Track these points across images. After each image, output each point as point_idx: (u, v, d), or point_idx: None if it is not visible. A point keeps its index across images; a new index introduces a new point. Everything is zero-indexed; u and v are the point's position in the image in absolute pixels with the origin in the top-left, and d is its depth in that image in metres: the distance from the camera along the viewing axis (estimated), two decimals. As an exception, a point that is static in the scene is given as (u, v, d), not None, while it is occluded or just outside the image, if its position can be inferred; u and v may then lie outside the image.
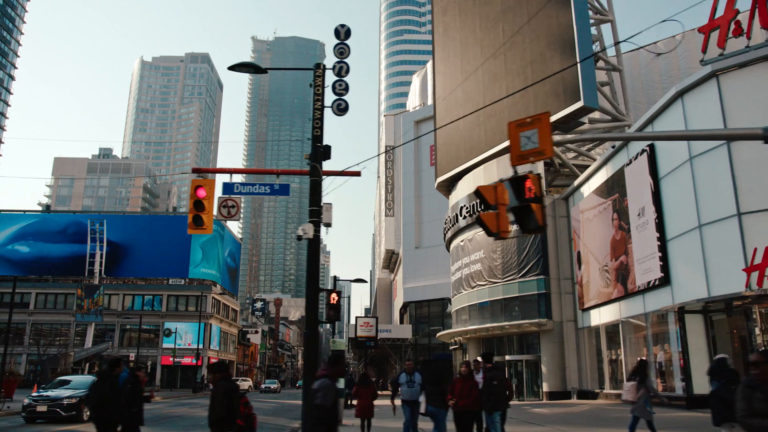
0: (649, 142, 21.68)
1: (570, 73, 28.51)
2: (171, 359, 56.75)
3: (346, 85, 14.85)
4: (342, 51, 14.97)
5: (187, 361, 59.70)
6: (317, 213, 13.71)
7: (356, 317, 31.73)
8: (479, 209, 33.15)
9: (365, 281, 27.66)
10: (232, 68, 15.19)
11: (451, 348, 38.61)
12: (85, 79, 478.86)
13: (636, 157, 22.73)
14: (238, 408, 9.20)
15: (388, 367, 60.64)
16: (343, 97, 14.80)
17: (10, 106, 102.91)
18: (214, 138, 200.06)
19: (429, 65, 67.07)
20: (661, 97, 43.18)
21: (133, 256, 65.91)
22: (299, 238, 13.39)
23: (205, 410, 26.58)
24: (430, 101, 65.34)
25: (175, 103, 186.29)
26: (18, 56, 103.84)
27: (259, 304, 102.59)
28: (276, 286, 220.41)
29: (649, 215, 21.63)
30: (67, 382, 20.23)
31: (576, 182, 29.22)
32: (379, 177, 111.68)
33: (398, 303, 71.99)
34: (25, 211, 70.30)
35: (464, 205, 34.67)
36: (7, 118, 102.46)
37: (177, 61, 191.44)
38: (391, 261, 73.11)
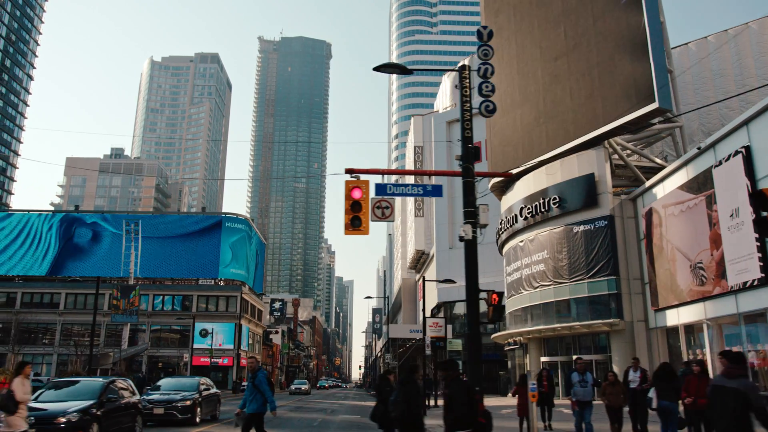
0: (744, 143, 21.81)
1: (642, 75, 28.63)
2: (209, 360, 56.75)
3: (493, 87, 15.00)
4: (486, 53, 15.17)
5: (224, 362, 59.78)
6: (474, 214, 13.77)
7: (425, 317, 31.86)
8: (543, 209, 33.30)
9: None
10: (377, 69, 15.27)
11: (506, 348, 38.70)
12: (94, 80, 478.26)
13: (727, 159, 22.82)
14: (478, 405, 9.26)
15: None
16: (490, 99, 14.94)
17: (29, 106, 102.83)
18: (224, 138, 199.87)
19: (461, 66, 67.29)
20: (714, 95, 43.43)
21: (163, 257, 65.88)
22: (461, 239, 13.47)
23: (294, 411, 26.66)
24: (462, 102, 65.53)
25: (185, 103, 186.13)
26: (36, 56, 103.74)
27: (277, 305, 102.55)
28: (283, 287, 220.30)
29: (745, 216, 21.69)
30: (159, 386, 20.25)
31: (648, 183, 29.34)
32: (402, 178, 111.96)
33: (426, 303, 72.06)
34: (54, 211, 70.18)
35: (525, 206, 34.76)
36: (26, 117, 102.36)
37: (186, 61, 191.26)
38: (419, 261, 73.16)
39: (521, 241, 35.72)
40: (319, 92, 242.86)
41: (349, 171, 14.60)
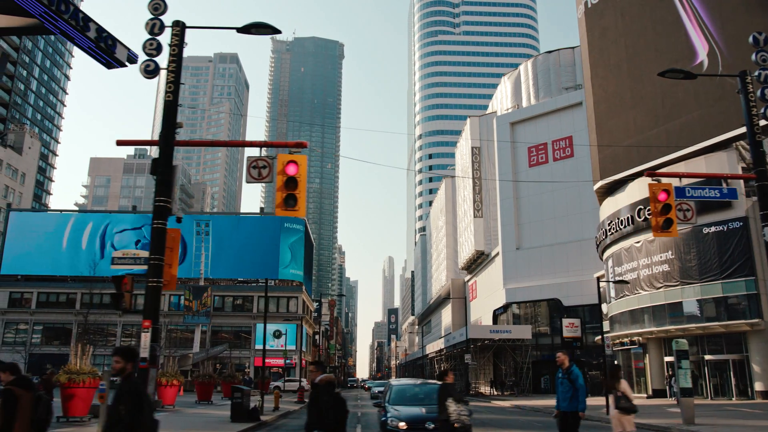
0: None
1: (784, 77, 28.87)
2: (282, 361, 56.82)
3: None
4: (765, 59, 15.26)
5: (289, 363, 59.82)
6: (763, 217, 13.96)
7: (562, 319, 32.05)
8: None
9: (625, 281, 28.17)
10: (661, 74, 15.46)
11: (617, 349, 38.92)
12: (111, 80, 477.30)
13: None
14: None
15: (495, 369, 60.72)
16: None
17: (66, 106, 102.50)
18: (242, 138, 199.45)
19: (522, 68, 67.43)
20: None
21: (224, 257, 65.84)
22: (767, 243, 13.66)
23: (478, 413, 26.61)
24: (525, 103, 65.71)
25: (205, 104, 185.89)
26: (73, 56, 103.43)
27: (315, 305, 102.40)
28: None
29: None
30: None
31: (788, 185, 29.60)
32: (437, 178, 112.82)
33: (478, 303, 72.32)
34: (117, 212, 69.98)
35: (644, 207, 34.96)
36: (64, 118, 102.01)
37: (206, 61, 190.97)
38: (475, 262, 73.32)
39: (638, 242, 35.95)
40: (331, 92, 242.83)
41: (650, 174, 14.78)
